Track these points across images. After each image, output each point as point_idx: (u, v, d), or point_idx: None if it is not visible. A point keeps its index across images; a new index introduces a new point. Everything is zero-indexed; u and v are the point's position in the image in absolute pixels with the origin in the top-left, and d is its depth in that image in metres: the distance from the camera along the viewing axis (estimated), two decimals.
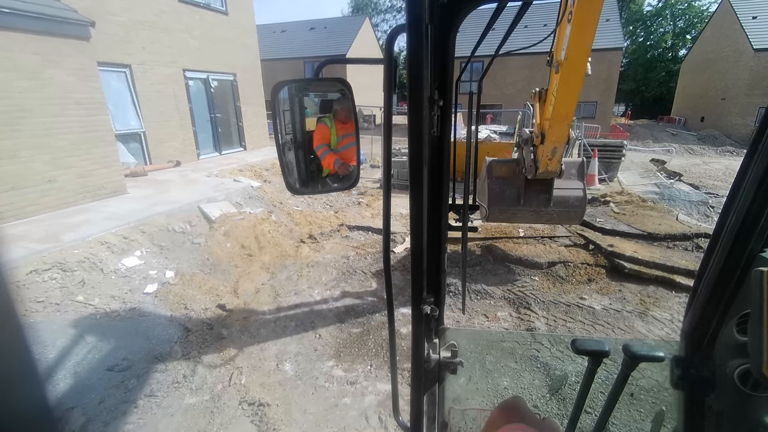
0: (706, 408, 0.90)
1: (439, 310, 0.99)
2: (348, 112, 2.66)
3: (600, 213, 7.57)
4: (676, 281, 4.91)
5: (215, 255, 5.45)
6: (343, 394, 3.33)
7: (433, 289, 0.91)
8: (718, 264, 0.84)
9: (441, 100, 0.81)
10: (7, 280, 0.30)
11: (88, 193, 6.21)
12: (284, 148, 2.21)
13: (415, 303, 0.86)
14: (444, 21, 0.74)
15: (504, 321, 4.40)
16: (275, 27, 28.56)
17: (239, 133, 12.08)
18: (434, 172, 0.86)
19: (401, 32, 0.71)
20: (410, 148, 0.73)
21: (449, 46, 0.79)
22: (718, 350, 0.87)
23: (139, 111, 8.65)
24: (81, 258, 4.37)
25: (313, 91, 2.68)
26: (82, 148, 6.08)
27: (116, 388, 3.25)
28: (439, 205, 0.88)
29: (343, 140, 2.71)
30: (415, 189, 0.75)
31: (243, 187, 7.54)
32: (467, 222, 1.61)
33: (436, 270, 0.95)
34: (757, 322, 0.67)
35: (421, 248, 0.82)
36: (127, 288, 4.38)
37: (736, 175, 0.83)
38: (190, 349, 3.82)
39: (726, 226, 0.84)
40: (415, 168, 0.74)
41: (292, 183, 1.63)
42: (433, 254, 0.91)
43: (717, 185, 10.42)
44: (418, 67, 0.67)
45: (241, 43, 11.70)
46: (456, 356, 1.06)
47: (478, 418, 1.58)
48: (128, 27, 8.26)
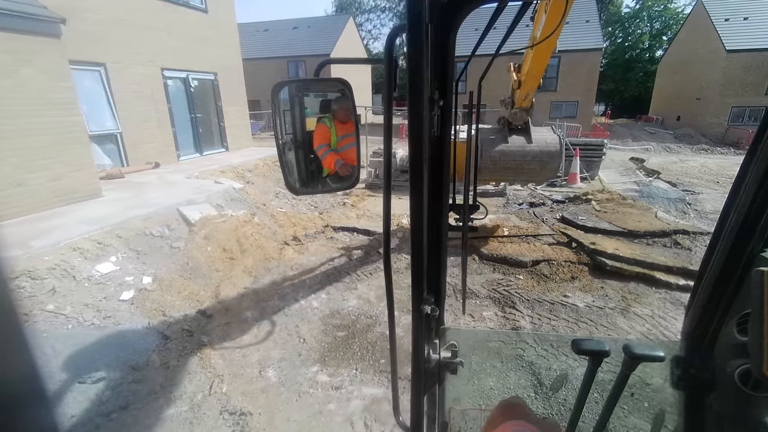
0: (707, 408, 0.90)
1: (439, 310, 0.99)
2: (348, 112, 2.67)
3: (582, 211, 7.68)
4: (656, 277, 5.01)
5: (195, 259, 5.31)
6: (328, 400, 3.27)
7: (433, 289, 0.90)
8: (719, 264, 0.85)
9: (441, 100, 0.80)
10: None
11: (60, 197, 5.96)
12: (284, 148, 2.21)
13: (415, 303, 0.86)
14: (444, 21, 0.73)
15: (489, 321, 4.40)
16: (258, 26, 28.17)
17: (221, 134, 11.83)
18: (434, 172, 0.85)
19: (401, 32, 0.71)
20: (410, 148, 0.73)
21: (449, 46, 0.78)
22: (718, 350, 0.88)
23: (115, 111, 8.37)
24: (51, 265, 4.18)
25: (313, 91, 2.69)
26: (54, 149, 5.83)
27: (89, 401, 3.11)
28: (439, 205, 0.87)
29: (343, 140, 2.72)
30: (415, 189, 0.75)
31: (224, 188, 7.37)
32: (467, 222, 1.63)
33: (436, 270, 0.94)
34: (758, 322, 0.68)
35: (421, 248, 0.82)
36: (102, 295, 4.21)
37: (736, 175, 0.84)
38: (168, 358, 3.69)
39: (726, 226, 0.84)
40: (416, 168, 0.74)
41: (293, 183, 1.62)
42: (433, 254, 0.90)
43: (693, 182, 10.73)
44: (418, 67, 0.67)
45: (221, 41, 11.46)
46: (456, 356, 1.05)
47: (478, 418, 1.57)
48: (103, 25, 7.97)
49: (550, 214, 7.78)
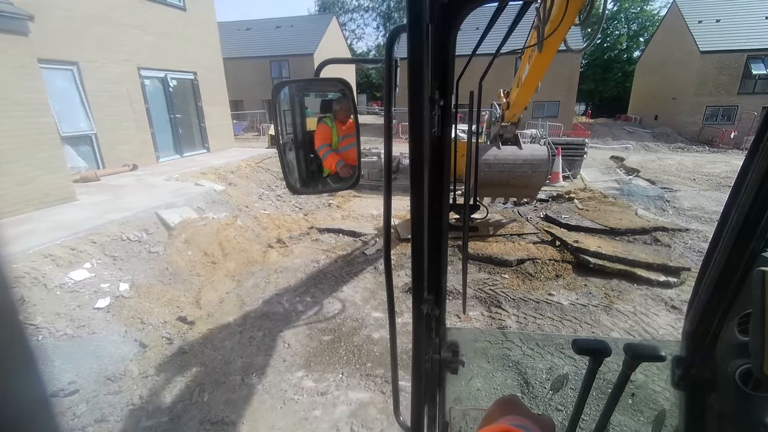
0: (707, 408, 0.91)
1: (439, 309, 1.00)
2: (348, 112, 2.68)
3: (565, 209, 7.79)
4: (638, 274, 5.09)
5: (175, 264, 5.15)
6: (314, 406, 3.20)
7: (433, 288, 0.90)
8: (719, 264, 0.85)
9: (441, 100, 0.80)
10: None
11: (30, 202, 5.71)
12: (285, 148, 2.19)
13: (415, 303, 0.86)
14: (444, 21, 0.74)
15: (476, 320, 4.40)
16: (239, 25, 27.74)
17: (202, 135, 11.57)
18: (434, 171, 0.85)
19: (401, 32, 0.71)
20: (410, 148, 0.73)
21: (450, 46, 0.79)
22: (719, 350, 0.88)
23: (90, 112, 8.07)
24: (20, 273, 3.98)
25: (314, 91, 2.69)
26: (22, 152, 5.58)
27: (61, 415, 2.96)
28: (439, 205, 0.88)
29: (343, 140, 2.73)
30: (416, 189, 0.76)
31: (205, 190, 7.19)
32: (467, 222, 1.64)
33: (437, 270, 0.95)
34: (759, 322, 0.68)
35: (422, 248, 0.82)
36: (75, 304, 4.03)
37: (736, 175, 0.84)
38: (146, 367, 3.56)
39: (727, 226, 0.84)
40: (416, 168, 0.74)
41: (293, 183, 1.62)
42: (433, 254, 0.91)
43: (671, 180, 11.02)
44: (418, 67, 0.68)
45: (201, 40, 11.21)
46: (457, 356, 1.05)
47: (479, 417, 1.54)
48: (75, 22, 7.67)
49: (534, 212, 7.87)
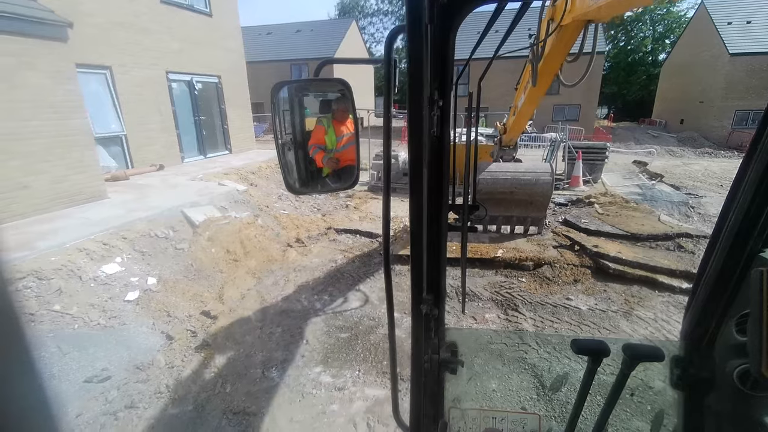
0: (706, 408, 0.91)
1: (439, 309, 1.00)
2: (347, 112, 2.67)
3: (585, 214, 7.68)
4: (659, 281, 5.00)
5: (199, 261, 5.34)
6: (331, 400, 3.28)
7: (433, 289, 0.92)
8: (718, 264, 0.85)
9: (441, 100, 0.81)
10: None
11: (64, 199, 6.02)
12: (284, 148, 2.23)
13: (415, 303, 0.86)
14: (444, 21, 0.74)
15: (492, 323, 4.41)
16: (261, 29, 28.35)
17: (224, 136, 11.90)
18: (434, 172, 0.87)
19: (401, 32, 0.71)
20: (410, 148, 0.73)
21: (449, 46, 0.79)
22: (717, 350, 0.88)
23: (120, 114, 8.44)
24: (58, 266, 4.22)
25: (313, 91, 2.69)
26: (58, 152, 5.89)
27: (95, 400, 3.14)
28: (439, 205, 0.89)
29: (342, 140, 2.71)
30: (415, 189, 0.76)
31: (228, 190, 7.42)
32: (467, 222, 1.63)
33: (436, 270, 0.96)
34: (757, 322, 0.68)
35: (421, 248, 0.82)
36: (107, 296, 4.25)
37: (735, 176, 0.84)
38: (173, 358, 3.72)
39: (725, 226, 0.85)
40: (415, 168, 0.74)
41: (292, 183, 1.63)
42: (433, 254, 0.92)
43: (697, 186, 10.69)
44: (418, 67, 0.68)
45: (225, 44, 11.56)
46: (456, 356, 1.05)
47: (478, 418, 1.57)
48: (108, 28, 8.06)
49: (553, 217, 7.78)
